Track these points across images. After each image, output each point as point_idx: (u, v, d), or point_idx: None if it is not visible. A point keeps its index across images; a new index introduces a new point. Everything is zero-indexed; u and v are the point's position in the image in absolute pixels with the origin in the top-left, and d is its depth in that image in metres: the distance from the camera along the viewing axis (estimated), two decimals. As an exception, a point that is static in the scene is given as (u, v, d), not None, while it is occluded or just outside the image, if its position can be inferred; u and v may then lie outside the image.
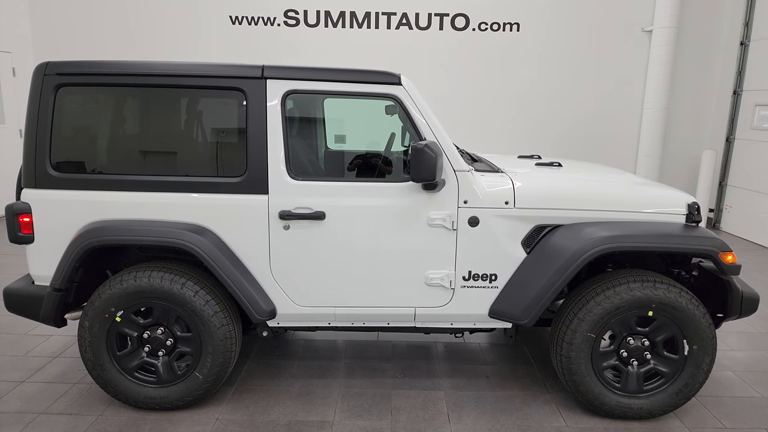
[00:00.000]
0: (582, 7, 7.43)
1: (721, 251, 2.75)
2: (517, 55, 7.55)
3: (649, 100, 7.42)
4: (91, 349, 2.79)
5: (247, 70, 2.77)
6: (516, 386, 3.26)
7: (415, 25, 7.48)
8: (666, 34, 7.19)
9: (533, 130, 7.72)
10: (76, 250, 2.70)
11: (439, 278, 2.89)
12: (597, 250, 2.69)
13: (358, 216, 2.82)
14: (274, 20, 7.45)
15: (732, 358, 3.70)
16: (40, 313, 2.83)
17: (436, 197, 2.82)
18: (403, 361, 3.55)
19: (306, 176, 2.89)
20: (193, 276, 2.79)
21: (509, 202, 2.84)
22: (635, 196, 2.99)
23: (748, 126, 7.20)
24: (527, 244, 2.89)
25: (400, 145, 3.75)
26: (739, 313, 2.89)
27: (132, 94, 2.85)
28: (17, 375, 3.28)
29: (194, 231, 2.74)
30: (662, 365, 2.85)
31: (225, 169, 2.82)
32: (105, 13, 7.40)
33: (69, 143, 2.81)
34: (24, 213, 2.78)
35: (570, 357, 2.81)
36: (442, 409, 3.00)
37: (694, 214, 2.90)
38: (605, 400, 2.85)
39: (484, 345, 3.85)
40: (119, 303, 2.75)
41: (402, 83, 2.80)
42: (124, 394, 2.85)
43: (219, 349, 2.80)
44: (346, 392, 3.15)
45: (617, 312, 2.75)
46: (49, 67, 2.75)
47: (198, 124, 2.90)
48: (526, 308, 2.80)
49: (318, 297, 2.91)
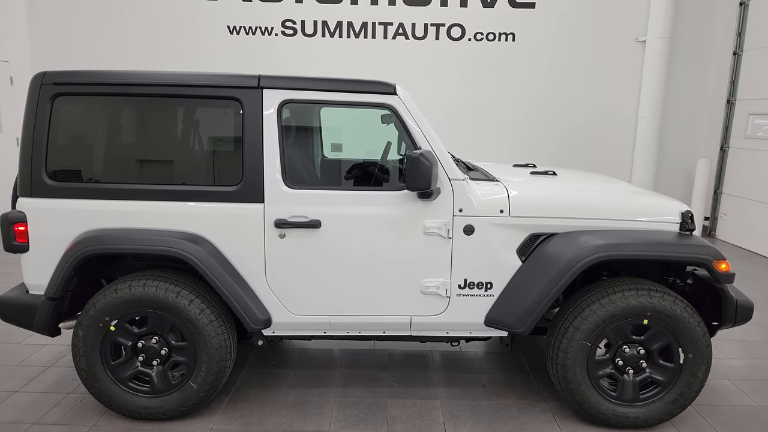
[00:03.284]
0: (576, 17, 7.50)
1: (715, 259, 2.76)
2: (513, 65, 7.60)
3: (643, 109, 7.48)
4: (85, 359, 2.78)
5: (243, 80, 2.79)
6: (512, 395, 3.25)
7: (411, 36, 7.53)
8: (660, 44, 7.26)
9: (529, 140, 7.75)
10: (71, 259, 2.69)
11: (435, 287, 2.89)
12: (592, 259, 2.70)
13: (354, 224, 2.82)
14: (271, 30, 7.49)
15: (728, 366, 3.70)
16: (34, 322, 2.82)
17: (432, 206, 2.83)
18: (399, 371, 3.54)
19: (302, 185, 2.89)
20: (188, 285, 2.79)
21: (504, 211, 2.85)
22: (629, 204, 3.00)
23: (742, 135, 7.26)
24: (522, 253, 2.90)
25: (396, 154, 3.76)
26: (733, 321, 2.90)
27: (128, 104, 2.86)
28: (10, 385, 3.25)
29: (190, 240, 2.74)
30: (658, 374, 2.85)
31: (221, 178, 2.83)
32: (103, 22, 7.44)
33: (65, 152, 2.81)
34: (19, 222, 2.78)
35: (566, 365, 2.80)
36: (438, 418, 2.99)
37: (688, 223, 2.91)
38: (601, 408, 2.84)
39: (480, 354, 3.84)
40: (114, 312, 2.74)
41: (397, 93, 2.82)
42: (118, 404, 2.83)
43: (214, 358, 2.79)
44: (341, 402, 3.14)
45: (612, 320, 2.75)
46: (46, 76, 2.76)
47: (194, 134, 2.92)
48: (522, 316, 2.80)
49: (313, 305, 2.91)
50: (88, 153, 2.86)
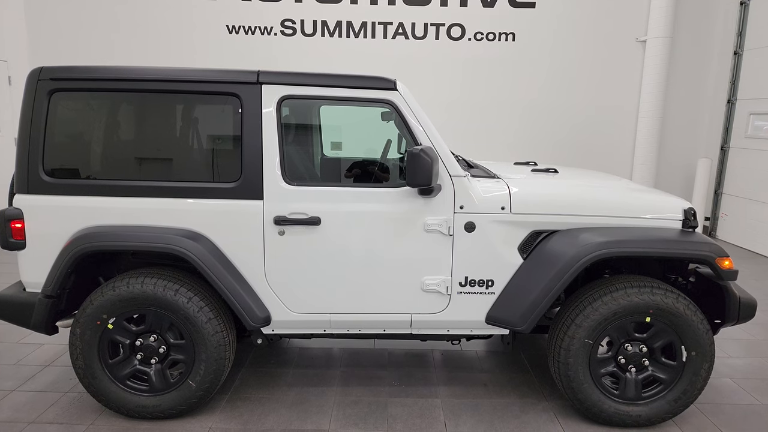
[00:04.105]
0: (576, 17, 7.49)
1: (718, 256, 2.74)
2: (513, 65, 7.58)
3: (643, 109, 7.46)
4: (83, 357, 2.75)
5: (242, 76, 2.77)
6: (513, 394, 3.23)
7: (411, 35, 7.52)
8: (660, 43, 7.24)
9: (529, 140, 7.73)
10: (68, 256, 2.67)
11: (436, 284, 2.87)
12: (594, 256, 2.68)
13: (354, 221, 2.80)
14: (270, 30, 7.47)
15: (730, 365, 3.68)
16: (31, 320, 2.79)
17: (432, 202, 2.80)
18: (400, 369, 3.52)
19: (301, 181, 2.87)
20: (186, 282, 2.76)
21: (505, 208, 2.82)
22: (632, 201, 2.98)
23: (743, 135, 7.24)
24: (524, 250, 2.87)
25: (395, 153, 3.74)
26: (736, 319, 2.88)
27: (126, 100, 2.83)
28: (8, 384, 3.23)
29: (188, 237, 2.71)
30: (660, 372, 2.83)
31: (220, 175, 2.81)
32: (101, 22, 7.41)
33: (62, 148, 2.79)
34: (16, 219, 2.75)
35: (568, 363, 2.78)
36: (439, 417, 2.96)
37: (691, 220, 2.89)
38: (603, 407, 2.82)
39: (481, 352, 3.82)
40: (111, 310, 2.72)
41: (398, 89, 2.80)
42: (116, 402, 2.80)
43: (213, 356, 2.76)
44: (341, 400, 3.11)
45: (615, 318, 2.73)
46: (43, 72, 2.73)
47: (193, 130, 2.89)
48: (524, 314, 2.78)
49: (313, 303, 2.88)
50: (85, 149, 2.83)
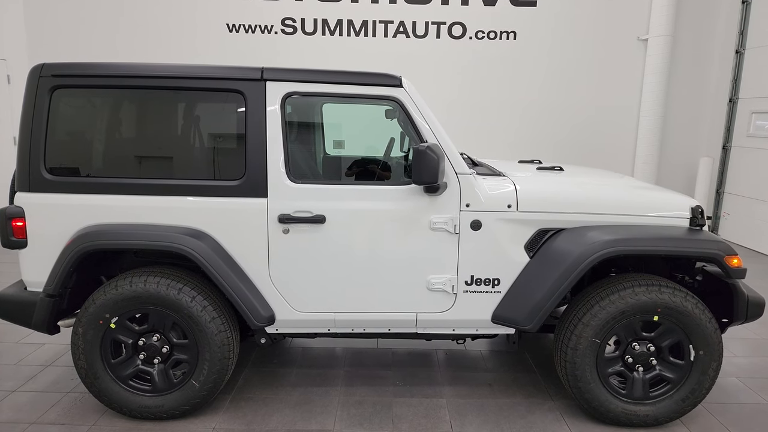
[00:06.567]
0: (578, 16, 7.47)
1: (727, 254, 2.72)
2: (514, 63, 7.57)
3: (645, 108, 7.45)
4: (85, 357, 2.72)
5: (246, 72, 2.74)
6: (519, 394, 3.20)
7: (412, 34, 7.50)
8: (661, 42, 7.23)
9: (530, 138, 7.72)
10: (70, 255, 2.64)
11: (441, 283, 2.84)
12: (601, 254, 2.65)
13: (359, 219, 2.77)
14: (271, 28, 7.45)
15: (736, 364, 3.66)
16: (33, 319, 2.76)
17: (438, 200, 2.78)
18: (404, 369, 3.49)
19: (306, 179, 2.84)
20: (190, 281, 2.73)
21: (512, 206, 2.80)
22: (639, 199, 2.96)
23: (745, 134, 7.23)
24: (530, 248, 2.85)
25: (399, 151, 3.72)
26: (744, 318, 2.86)
27: (128, 96, 2.80)
28: (9, 384, 3.19)
29: (192, 235, 2.68)
30: (668, 371, 2.80)
31: (223, 172, 2.78)
32: (101, 21, 7.38)
33: (64, 146, 2.76)
34: (17, 217, 2.72)
35: (575, 363, 2.76)
36: (445, 417, 2.94)
37: (698, 218, 2.87)
38: (610, 407, 2.79)
39: (486, 352, 3.79)
40: (114, 309, 2.69)
41: (403, 85, 2.77)
42: (118, 403, 2.77)
43: (216, 356, 2.74)
44: (345, 400, 3.08)
45: (622, 316, 2.71)
46: (45, 68, 2.70)
47: (196, 127, 2.86)
48: (530, 313, 2.75)
49: (317, 302, 2.85)
50: (87, 146, 2.80)
